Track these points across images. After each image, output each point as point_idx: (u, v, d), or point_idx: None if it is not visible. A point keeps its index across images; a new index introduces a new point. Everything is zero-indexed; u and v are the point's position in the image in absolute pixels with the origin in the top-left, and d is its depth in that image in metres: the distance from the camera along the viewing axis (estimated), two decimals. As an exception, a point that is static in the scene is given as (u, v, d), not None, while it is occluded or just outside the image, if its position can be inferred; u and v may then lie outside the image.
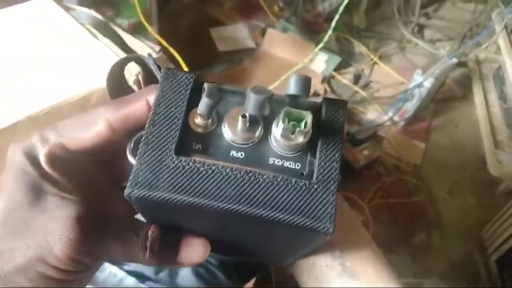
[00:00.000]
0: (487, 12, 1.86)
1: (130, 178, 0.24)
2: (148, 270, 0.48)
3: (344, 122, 0.27)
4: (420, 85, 1.49)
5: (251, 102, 0.24)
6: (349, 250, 0.44)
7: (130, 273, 0.46)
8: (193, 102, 0.27)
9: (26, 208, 0.26)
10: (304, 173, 0.26)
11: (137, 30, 1.38)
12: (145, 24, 1.25)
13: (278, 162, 0.26)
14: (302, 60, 1.63)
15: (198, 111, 0.26)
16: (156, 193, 0.24)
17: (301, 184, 0.25)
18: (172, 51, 1.27)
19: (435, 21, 2.11)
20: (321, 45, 1.44)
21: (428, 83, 1.48)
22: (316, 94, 1.67)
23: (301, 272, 0.46)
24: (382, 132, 1.62)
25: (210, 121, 0.26)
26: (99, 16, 0.60)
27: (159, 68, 0.29)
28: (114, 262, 0.48)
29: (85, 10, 0.61)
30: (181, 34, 1.84)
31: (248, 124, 0.26)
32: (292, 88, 0.24)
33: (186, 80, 0.27)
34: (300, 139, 0.25)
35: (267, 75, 1.64)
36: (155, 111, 0.26)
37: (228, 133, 0.26)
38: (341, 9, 1.47)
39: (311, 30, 1.93)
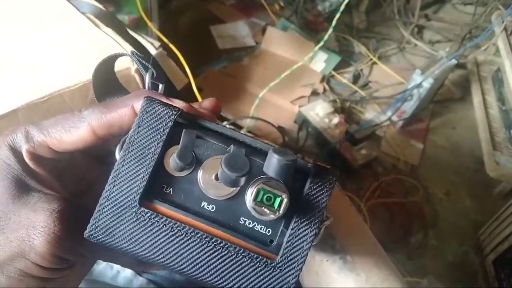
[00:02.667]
0: (487, 15, 1.87)
1: (92, 218, 0.24)
2: None
3: (329, 199, 0.25)
4: (419, 86, 1.49)
5: (224, 176, 0.22)
6: (350, 244, 0.44)
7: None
8: (173, 138, 0.25)
9: (8, 201, 0.25)
10: (274, 241, 0.25)
11: (137, 26, 1.38)
12: (146, 20, 1.24)
13: (249, 224, 0.25)
14: (302, 59, 1.62)
15: (176, 156, 0.24)
16: (114, 242, 0.24)
17: (263, 261, 0.24)
18: (172, 47, 1.26)
19: (434, 22, 2.12)
20: (321, 44, 1.44)
21: (427, 84, 1.48)
22: (315, 93, 1.67)
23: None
24: (380, 132, 1.62)
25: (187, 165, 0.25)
26: (100, 6, 0.59)
27: (145, 68, 0.28)
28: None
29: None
30: (182, 31, 1.83)
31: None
32: (271, 170, 0.22)
33: (166, 117, 0.25)
34: (271, 217, 0.24)
35: (266, 73, 1.64)
36: (128, 148, 0.24)
37: (202, 183, 0.25)
38: (341, 8, 1.47)
39: (311, 29, 1.93)
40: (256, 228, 0.25)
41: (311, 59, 1.74)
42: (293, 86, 1.63)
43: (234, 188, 0.25)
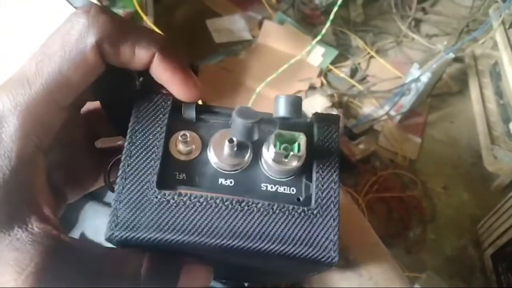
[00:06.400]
0: (485, 8, 1.85)
1: (109, 219, 0.22)
2: None
3: (339, 138, 0.25)
4: (417, 80, 1.49)
5: (238, 128, 0.22)
6: (352, 243, 0.43)
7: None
8: (172, 127, 0.25)
9: None
10: (301, 198, 0.24)
11: (132, 20, 1.36)
12: (141, 14, 1.23)
13: (271, 188, 0.24)
14: (299, 53, 1.61)
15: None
16: (140, 234, 0.22)
17: (299, 211, 0.23)
18: (168, 41, 1.24)
19: (432, 16, 2.10)
20: (318, 38, 1.43)
21: (425, 78, 1.47)
22: (312, 88, 1.66)
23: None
24: (378, 126, 1.62)
25: (193, 146, 0.24)
26: (93, 0, 0.58)
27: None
28: None
29: (80, -6, 0.59)
30: (177, 25, 1.81)
31: (235, 149, 0.24)
32: (281, 110, 0.23)
33: (163, 103, 0.25)
34: (294, 163, 0.23)
35: (263, 67, 1.62)
36: (131, 140, 0.24)
37: (214, 159, 0.24)
38: (339, 2, 1.46)
39: (308, 22, 1.92)
40: (280, 190, 0.24)
41: (308, 53, 1.73)
42: (290, 80, 1.62)
43: (247, 158, 0.24)
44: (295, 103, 0.23)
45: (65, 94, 0.22)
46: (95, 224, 0.58)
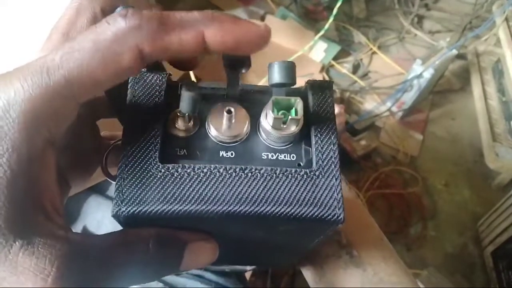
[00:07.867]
0: (488, 5, 1.84)
1: (114, 196, 0.22)
2: None
3: (333, 102, 0.26)
4: (419, 76, 1.48)
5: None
6: (356, 239, 0.43)
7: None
8: (169, 105, 0.24)
9: None
10: (301, 163, 0.24)
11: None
12: (143, 6, 1.22)
13: (272, 156, 0.24)
14: (301, 48, 1.60)
15: (181, 111, 0.23)
16: (146, 207, 0.22)
17: (301, 173, 0.23)
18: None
19: (434, 12, 2.09)
20: (321, 33, 1.42)
21: (427, 74, 1.47)
22: (314, 83, 1.66)
23: (305, 262, 0.45)
24: (380, 122, 1.61)
25: (191, 123, 0.24)
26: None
27: None
28: None
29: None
30: (178, 19, 1.80)
31: (234, 120, 0.24)
32: (276, 76, 0.23)
33: (158, 81, 0.25)
34: (293, 128, 0.23)
35: (265, 62, 1.61)
36: (129, 120, 0.24)
37: (213, 132, 0.24)
38: (342, -3, 1.45)
39: (310, 18, 1.91)
40: (280, 158, 0.24)
41: (311, 49, 1.72)
42: (292, 76, 1.61)
43: (246, 129, 0.25)
44: (289, 68, 0.23)
45: (87, 92, 0.20)
46: (97, 217, 0.58)
